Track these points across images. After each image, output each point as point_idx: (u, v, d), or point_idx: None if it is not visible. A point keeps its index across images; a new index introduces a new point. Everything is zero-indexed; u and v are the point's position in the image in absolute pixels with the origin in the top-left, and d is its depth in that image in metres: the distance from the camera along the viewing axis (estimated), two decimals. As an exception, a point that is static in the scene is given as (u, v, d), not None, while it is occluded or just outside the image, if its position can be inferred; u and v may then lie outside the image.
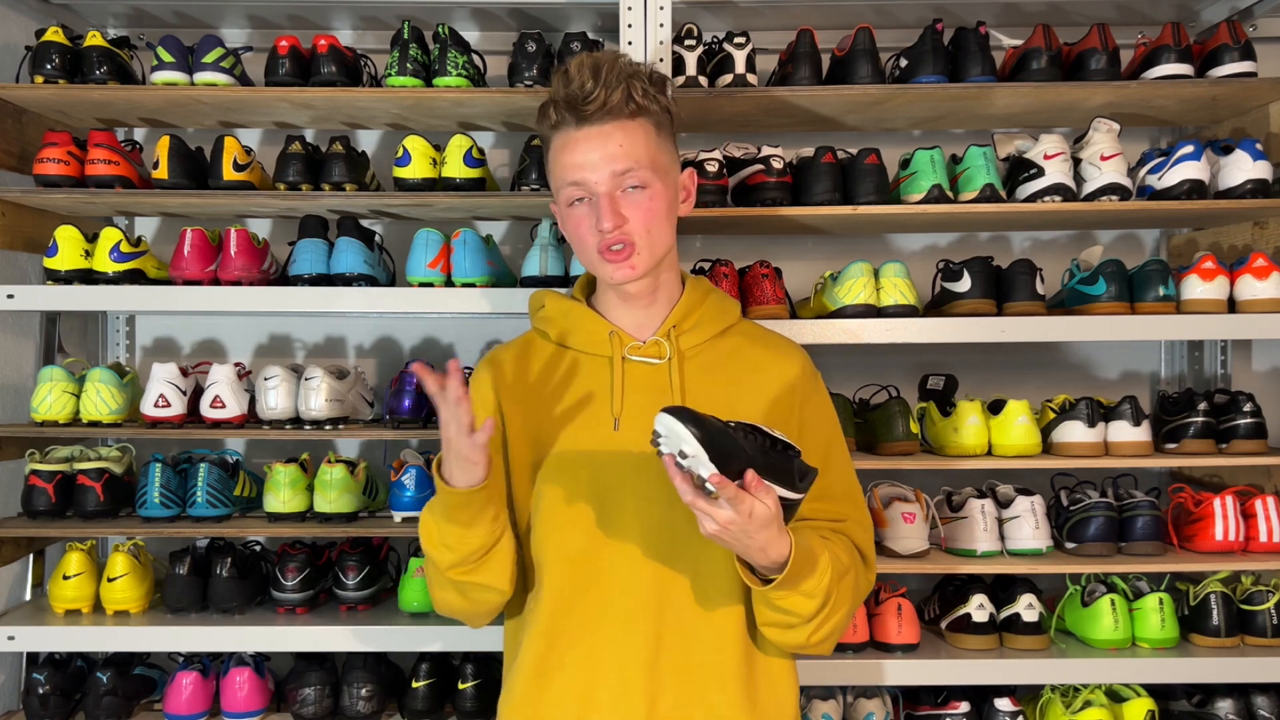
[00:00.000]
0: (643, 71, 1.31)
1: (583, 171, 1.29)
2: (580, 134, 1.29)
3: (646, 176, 1.30)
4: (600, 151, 1.28)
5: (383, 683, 1.96)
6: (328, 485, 1.94)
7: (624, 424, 1.34)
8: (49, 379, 1.96)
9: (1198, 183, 1.91)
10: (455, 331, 2.36)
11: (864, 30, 1.95)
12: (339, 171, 1.95)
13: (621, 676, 1.30)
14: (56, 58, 1.93)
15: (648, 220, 1.30)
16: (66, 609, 1.96)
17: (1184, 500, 2.01)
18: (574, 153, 1.30)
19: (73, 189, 1.93)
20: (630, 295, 1.38)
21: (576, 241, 1.35)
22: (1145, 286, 1.92)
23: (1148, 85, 1.93)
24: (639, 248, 1.31)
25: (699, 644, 1.32)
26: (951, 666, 1.89)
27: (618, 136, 1.28)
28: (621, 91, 1.27)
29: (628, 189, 1.30)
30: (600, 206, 1.29)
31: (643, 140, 1.30)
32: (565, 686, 1.32)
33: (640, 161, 1.29)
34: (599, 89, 1.26)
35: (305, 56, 1.96)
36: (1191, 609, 1.95)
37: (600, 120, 1.28)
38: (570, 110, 1.28)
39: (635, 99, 1.28)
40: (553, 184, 1.36)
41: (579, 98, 1.27)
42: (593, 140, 1.28)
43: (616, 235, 1.29)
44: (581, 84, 1.27)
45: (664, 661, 1.30)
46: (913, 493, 2.00)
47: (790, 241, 2.32)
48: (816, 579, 1.24)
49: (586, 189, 1.30)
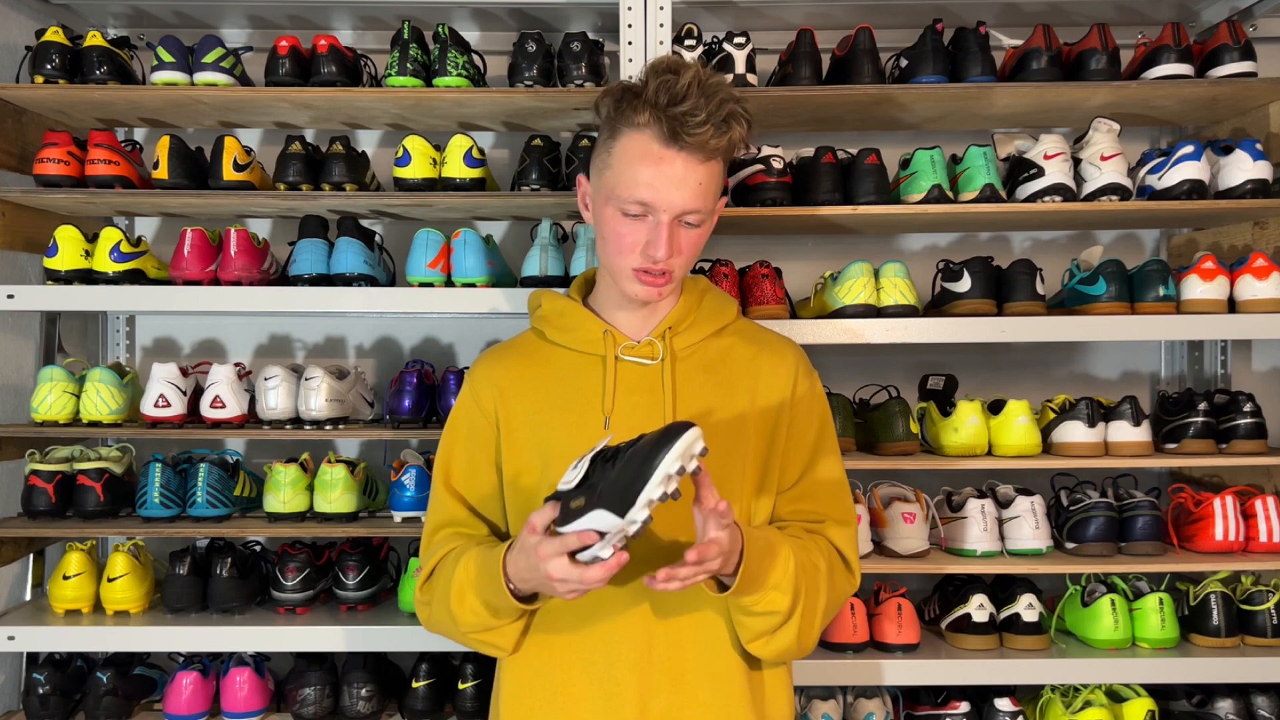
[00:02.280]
0: (743, 114, 1.27)
1: (656, 194, 1.25)
2: (668, 154, 1.24)
3: (705, 217, 1.31)
4: (678, 182, 1.25)
5: (383, 683, 1.96)
6: (328, 485, 1.94)
7: (614, 424, 1.33)
8: (49, 379, 1.96)
9: (1198, 183, 1.91)
10: (455, 331, 2.36)
11: (864, 30, 1.95)
12: (339, 171, 1.95)
13: (613, 676, 1.30)
14: (56, 58, 1.93)
15: (692, 253, 1.32)
16: (66, 609, 1.96)
17: (1184, 500, 2.01)
18: (654, 170, 1.25)
19: (73, 189, 1.93)
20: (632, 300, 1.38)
21: (614, 245, 1.31)
22: (1145, 286, 1.92)
23: (1148, 85, 1.93)
24: (675, 276, 1.32)
25: (691, 644, 1.31)
26: (951, 666, 1.89)
27: (700, 174, 1.26)
28: (726, 137, 1.25)
29: (685, 223, 1.30)
30: (660, 234, 1.27)
31: (715, 181, 1.30)
32: (557, 689, 1.32)
33: (708, 205, 1.30)
34: (708, 124, 1.22)
35: (305, 56, 1.96)
36: (1191, 609, 1.95)
37: (689, 151, 1.24)
38: (668, 125, 1.23)
39: (732, 141, 1.27)
40: (609, 175, 1.30)
41: (684, 122, 1.22)
42: (677, 168, 1.25)
43: (664, 265, 1.29)
44: (693, 110, 1.22)
45: (656, 662, 1.30)
46: (913, 493, 2.00)
47: (790, 241, 2.32)
48: (781, 568, 1.24)
49: (651, 208, 1.27)
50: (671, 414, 1.33)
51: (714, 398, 1.36)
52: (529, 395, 1.39)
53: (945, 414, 1.99)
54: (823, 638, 1.95)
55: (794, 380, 1.41)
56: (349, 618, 1.96)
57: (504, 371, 1.42)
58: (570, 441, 1.34)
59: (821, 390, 1.46)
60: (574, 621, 1.32)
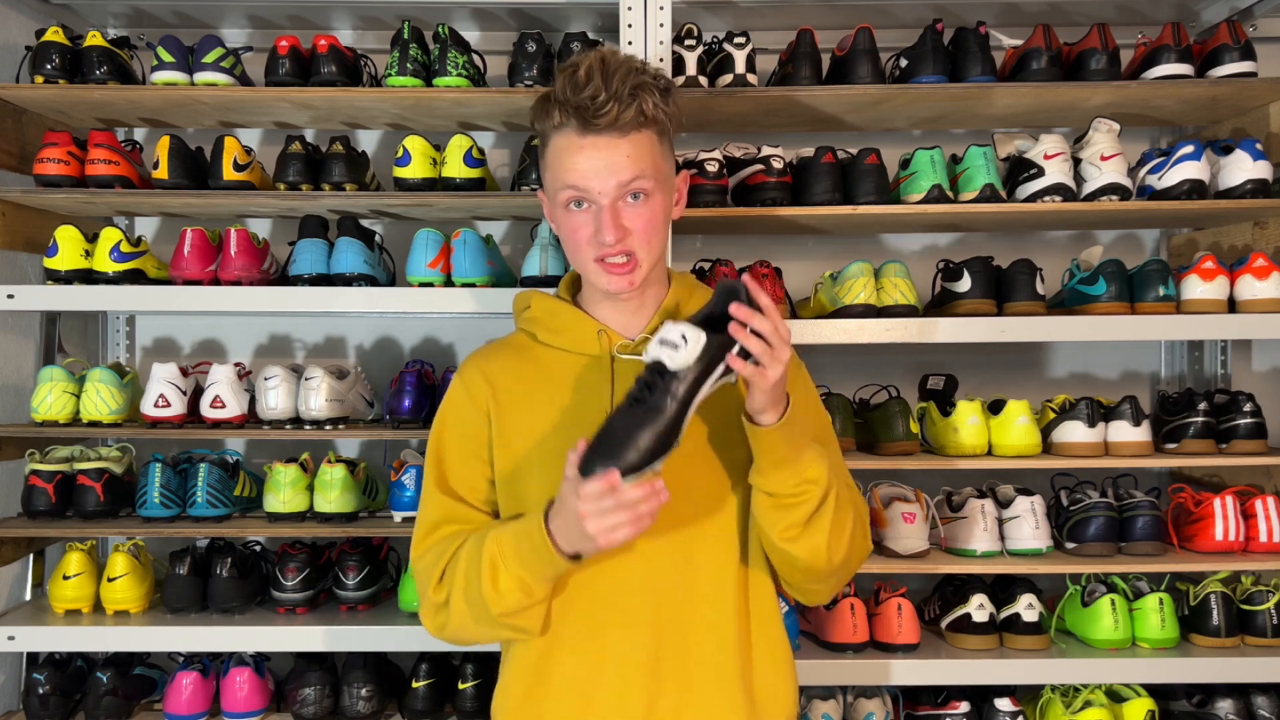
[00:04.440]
0: (651, 83, 1.28)
1: (587, 180, 1.27)
2: (586, 141, 1.26)
3: (649, 185, 1.28)
4: (606, 162, 1.26)
5: (383, 683, 1.96)
6: (328, 485, 1.94)
7: None
8: (49, 379, 1.96)
9: (1198, 183, 1.91)
10: (455, 331, 2.36)
11: (864, 30, 1.95)
12: (339, 171, 1.95)
13: (621, 676, 1.29)
14: (56, 58, 1.92)
15: (648, 230, 1.29)
16: (66, 609, 1.96)
17: (1184, 500, 2.01)
18: (578, 158, 1.27)
19: (73, 189, 1.93)
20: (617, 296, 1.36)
21: (571, 244, 1.33)
22: (1145, 286, 1.92)
23: (1148, 85, 1.93)
24: (640, 259, 1.29)
25: (697, 642, 1.31)
26: (951, 666, 1.89)
27: (625, 147, 1.26)
28: (635, 108, 1.25)
29: (629, 198, 1.28)
30: (603, 219, 1.27)
31: (648, 150, 1.28)
32: (564, 688, 1.31)
33: (645, 171, 1.28)
34: (611, 102, 1.23)
35: (305, 56, 1.96)
36: (1191, 609, 1.95)
37: (607, 131, 1.25)
38: (576, 115, 1.25)
39: (645, 112, 1.26)
40: (548, 180, 1.33)
41: (589, 108, 1.24)
42: (600, 150, 1.26)
43: (619, 249, 1.28)
44: (594, 94, 1.24)
45: (663, 661, 1.30)
46: (913, 493, 2.00)
47: (790, 241, 2.32)
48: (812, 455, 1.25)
49: (588, 197, 1.28)
50: None
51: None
52: (522, 395, 1.38)
53: (945, 414, 1.99)
54: (823, 637, 1.95)
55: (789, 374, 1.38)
56: (349, 618, 1.96)
57: (498, 368, 1.40)
58: (567, 444, 1.30)
59: (812, 383, 1.45)
60: (581, 623, 1.31)
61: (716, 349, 1.16)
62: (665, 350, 1.15)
